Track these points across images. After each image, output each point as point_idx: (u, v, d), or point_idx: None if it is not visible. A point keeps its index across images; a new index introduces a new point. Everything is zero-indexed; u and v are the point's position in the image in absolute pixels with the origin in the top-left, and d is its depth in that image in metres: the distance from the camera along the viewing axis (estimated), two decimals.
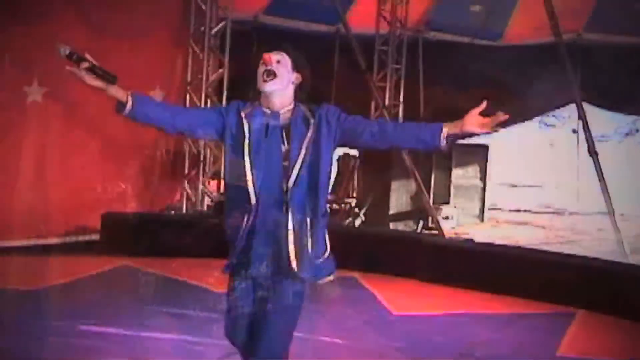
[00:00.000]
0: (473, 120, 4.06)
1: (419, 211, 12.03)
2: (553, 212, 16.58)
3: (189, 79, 11.82)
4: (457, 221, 12.86)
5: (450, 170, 13.10)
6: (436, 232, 11.09)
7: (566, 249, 11.04)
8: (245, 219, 4.10)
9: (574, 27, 13.44)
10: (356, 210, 12.34)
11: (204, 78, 11.60)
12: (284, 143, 4.13)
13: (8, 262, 9.53)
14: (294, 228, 4.10)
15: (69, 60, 3.79)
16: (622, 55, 12.49)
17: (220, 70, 11.89)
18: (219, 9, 11.71)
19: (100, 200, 10.74)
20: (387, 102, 13.40)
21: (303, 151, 4.10)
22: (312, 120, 4.15)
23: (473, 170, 13.49)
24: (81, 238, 10.68)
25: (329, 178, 4.29)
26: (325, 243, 4.33)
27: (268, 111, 4.16)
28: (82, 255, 10.04)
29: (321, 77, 14.32)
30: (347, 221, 12.18)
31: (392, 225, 12.02)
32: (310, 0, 13.63)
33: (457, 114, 12.22)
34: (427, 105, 13.89)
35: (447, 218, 12.43)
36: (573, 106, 13.53)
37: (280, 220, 4.10)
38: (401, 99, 13.98)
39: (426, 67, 14.62)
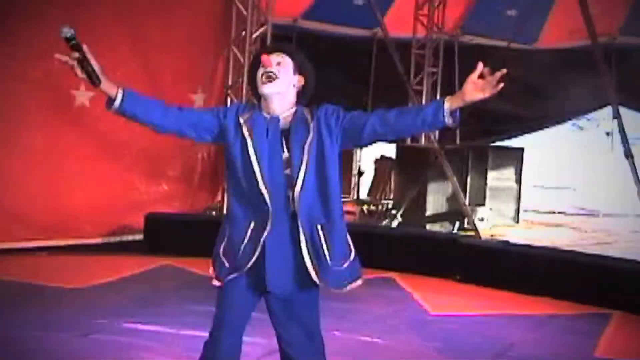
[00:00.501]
0: (472, 87, 3.68)
1: (454, 213, 11.96)
2: (587, 214, 16.42)
3: (229, 82, 11.81)
4: (492, 222, 12.77)
5: (486, 172, 13.00)
6: (472, 233, 11.02)
7: (600, 251, 10.92)
8: (258, 230, 3.87)
9: (609, 31, 13.33)
10: (393, 211, 12.28)
11: (244, 81, 11.59)
12: (284, 150, 3.89)
13: (55, 261, 9.65)
14: (305, 237, 3.87)
15: (67, 42, 3.60)
16: None
17: None
18: (260, 14, 11.68)
19: (144, 201, 10.81)
20: (423, 103, 13.33)
21: (305, 157, 3.84)
22: (310, 124, 3.90)
23: (508, 173, 13.39)
24: (125, 238, 10.74)
25: (339, 180, 4.00)
26: (346, 247, 4.06)
27: (268, 116, 3.93)
28: (125, 254, 10.11)
29: (358, 80, 14.46)
30: (384, 222, 12.12)
31: (428, 227, 11.96)
32: (348, 4, 13.62)
33: (493, 117, 12.16)
34: (463, 108, 13.77)
35: (482, 219, 12.34)
36: (605, 109, 13.42)
37: (291, 230, 3.88)
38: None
39: (462, 71, 14.56)
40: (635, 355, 7.09)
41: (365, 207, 13.65)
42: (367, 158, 14.73)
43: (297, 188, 3.83)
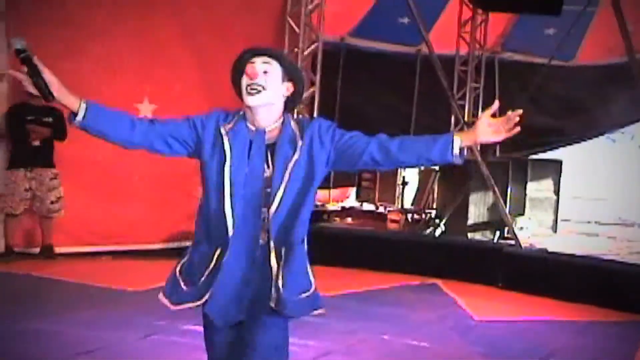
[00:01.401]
0: (486, 129, 3.34)
1: (495, 222, 11.82)
2: (622, 224, 16.17)
3: None
4: (532, 232, 12.60)
5: (526, 183, 12.86)
6: (512, 241, 10.88)
7: (636, 259, 10.70)
8: (218, 253, 3.43)
9: None
10: (436, 220, 12.16)
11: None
12: (268, 166, 3.42)
13: (118, 265, 9.74)
14: (277, 259, 3.42)
15: (17, 55, 3.18)
16: None
17: (312, 89, 11.86)
18: (311, 32, 11.66)
19: None
20: (466, 118, 13.21)
21: (287, 177, 3.37)
22: (299, 142, 3.42)
23: (547, 184, 13.22)
24: (183, 244, 10.69)
25: (313, 205, 3.54)
26: (307, 277, 3.55)
27: (253, 127, 3.45)
28: None
29: (403, 94, 14.40)
30: (428, 231, 12.01)
31: (469, 235, 11.83)
32: (393, 22, 13.56)
33: (533, 130, 11.93)
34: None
35: (522, 229, 12.17)
36: (638, 123, 13.18)
37: (259, 253, 3.42)
38: (479, 116, 13.80)
39: (502, 86, 14.47)
40: None
41: (409, 216, 13.55)
42: (411, 170, 14.63)
43: (273, 208, 3.38)
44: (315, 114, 11.72)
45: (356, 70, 13.85)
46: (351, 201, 15.08)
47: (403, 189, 14.19)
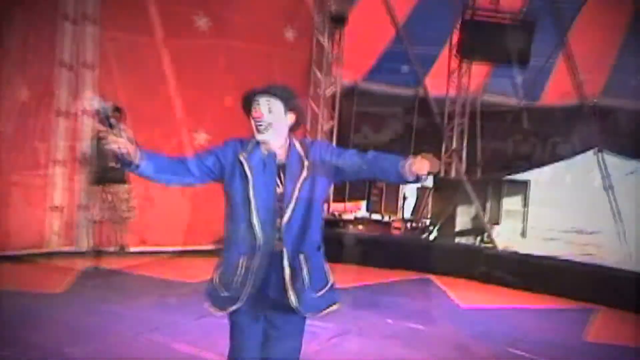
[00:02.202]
0: (425, 164, 3.15)
1: (477, 229, 11.70)
2: (576, 231, 15.99)
3: (309, 128, 11.75)
4: (506, 237, 12.45)
5: (501, 198, 12.74)
6: (490, 245, 10.82)
7: (588, 260, 10.60)
8: (249, 262, 3.31)
9: (593, 93, 13.09)
10: (430, 227, 12.06)
11: (320, 127, 11.53)
12: (278, 185, 3.33)
13: (176, 261, 9.70)
14: (289, 264, 3.31)
15: (98, 116, 3.05)
16: (628, 114, 12.07)
17: (331, 123, 11.85)
18: (331, 77, 11.69)
19: None
20: (454, 146, 13.07)
21: (297, 193, 3.30)
22: (306, 162, 3.35)
23: (518, 199, 13.04)
24: None
25: (322, 213, 3.46)
26: (323, 277, 3.45)
27: (266, 152, 3.37)
28: None
29: (404, 127, 14.32)
30: (424, 236, 11.92)
31: (457, 239, 11.72)
32: (397, 70, 13.51)
33: (507, 157, 11.81)
34: (484, 149, 13.73)
35: (498, 235, 12.03)
36: (589, 152, 13.05)
37: (277, 258, 3.32)
38: (464, 145, 13.67)
39: (483, 120, 14.39)
40: (615, 340, 7.00)
41: (409, 224, 13.43)
42: (410, 187, 14.52)
43: (285, 219, 3.30)
44: (334, 143, 11.71)
45: (367, 108, 13.86)
46: (362, 212, 14.92)
47: (404, 202, 14.08)
